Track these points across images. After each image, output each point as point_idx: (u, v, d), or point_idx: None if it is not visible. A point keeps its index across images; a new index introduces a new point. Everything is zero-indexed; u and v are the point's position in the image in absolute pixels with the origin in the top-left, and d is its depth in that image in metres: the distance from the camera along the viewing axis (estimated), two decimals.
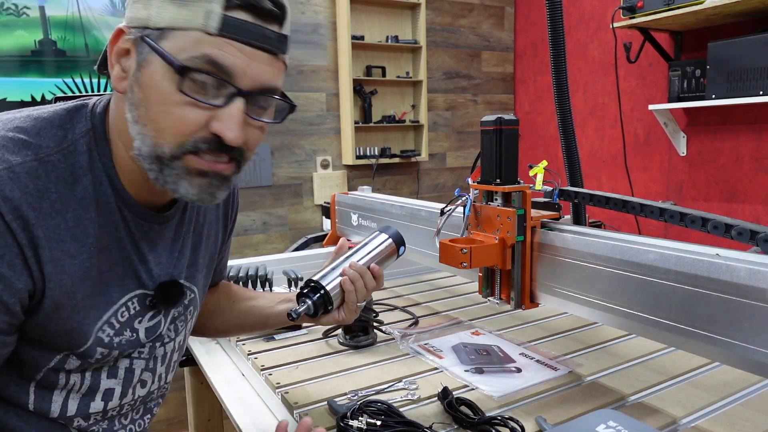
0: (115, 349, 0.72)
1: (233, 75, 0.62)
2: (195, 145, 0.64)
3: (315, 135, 3.09)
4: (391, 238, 0.95)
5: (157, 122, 0.63)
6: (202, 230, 0.86)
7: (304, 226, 3.10)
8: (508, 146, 0.95)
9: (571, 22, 3.12)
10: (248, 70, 0.63)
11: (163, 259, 0.77)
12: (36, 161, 0.63)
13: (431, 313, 1.41)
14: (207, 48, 0.61)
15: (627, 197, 1.02)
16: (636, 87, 2.85)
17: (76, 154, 0.66)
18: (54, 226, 0.63)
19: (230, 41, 0.61)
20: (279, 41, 0.65)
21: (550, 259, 0.93)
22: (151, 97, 0.63)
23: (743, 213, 2.44)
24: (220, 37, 0.61)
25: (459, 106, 3.56)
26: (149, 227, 0.74)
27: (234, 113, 0.63)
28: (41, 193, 0.62)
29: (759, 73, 2.04)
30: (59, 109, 0.69)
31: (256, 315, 0.99)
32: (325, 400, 0.94)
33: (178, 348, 0.85)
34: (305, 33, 3.00)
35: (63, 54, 2.37)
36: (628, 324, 0.83)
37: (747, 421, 0.85)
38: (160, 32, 0.62)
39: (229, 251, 1.02)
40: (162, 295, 0.76)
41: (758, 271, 0.67)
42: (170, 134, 0.63)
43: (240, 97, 0.64)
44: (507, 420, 0.84)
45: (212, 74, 0.61)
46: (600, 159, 3.08)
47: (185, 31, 0.61)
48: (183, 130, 0.63)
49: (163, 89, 0.62)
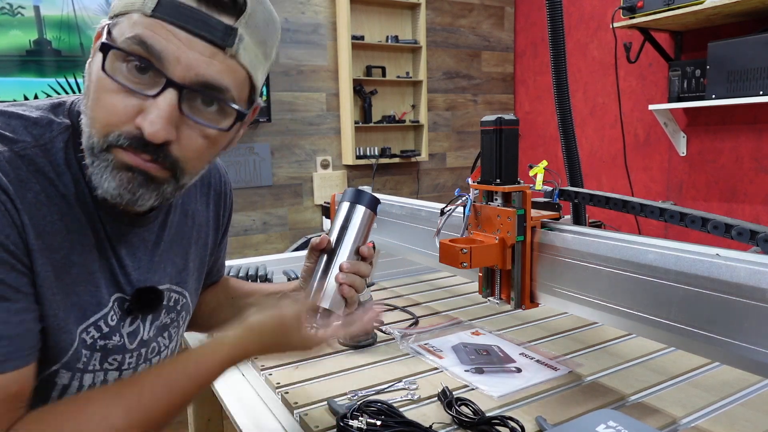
0: (98, 352, 0.69)
1: (164, 59, 0.57)
2: (118, 139, 0.59)
3: (315, 135, 3.10)
4: (366, 206, 0.85)
5: (91, 110, 0.60)
6: (191, 233, 0.84)
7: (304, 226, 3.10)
8: (508, 146, 0.95)
9: (571, 22, 3.12)
10: (182, 58, 0.57)
11: (143, 263, 0.74)
12: (12, 153, 0.60)
13: (431, 313, 1.41)
14: (139, 28, 0.57)
15: (627, 197, 1.02)
16: (636, 87, 2.85)
17: (54, 151, 0.64)
18: (39, 217, 0.60)
19: (164, 23, 0.57)
20: (226, 33, 0.59)
21: (550, 259, 0.93)
22: (90, 85, 0.61)
23: (743, 213, 2.44)
24: (153, 18, 0.57)
25: (459, 106, 3.56)
26: (128, 230, 0.71)
27: (160, 104, 0.57)
28: (23, 183, 0.60)
29: (759, 73, 2.04)
30: (35, 106, 0.67)
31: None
32: (325, 400, 0.94)
33: (172, 355, 0.84)
34: (305, 33, 3.00)
35: (58, 54, 2.38)
36: (628, 324, 0.83)
37: (747, 421, 0.85)
38: (115, 20, 0.60)
39: (225, 251, 1.01)
40: (138, 301, 0.73)
41: (758, 271, 0.67)
42: (99, 123, 0.59)
43: (171, 88, 0.58)
44: (507, 420, 0.84)
45: (138, 56, 0.57)
46: (600, 159, 3.08)
47: (128, 14, 0.59)
48: (110, 119, 0.59)
49: (97, 74, 0.60)
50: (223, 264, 1.03)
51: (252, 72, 0.64)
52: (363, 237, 0.84)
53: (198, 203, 0.87)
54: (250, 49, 0.62)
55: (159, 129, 0.57)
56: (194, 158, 0.63)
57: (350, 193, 0.86)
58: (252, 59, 0.63)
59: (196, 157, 0.64)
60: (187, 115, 0.60)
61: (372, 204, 0.85)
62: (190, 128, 0.61)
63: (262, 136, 2.96)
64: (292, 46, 2.98)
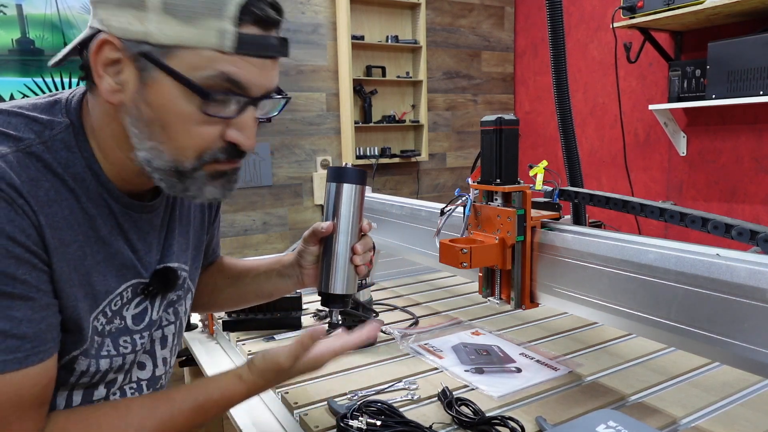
0: (107, 337, 0.73)
1: (248, 88, 0.64)
2: (214, 156, 0.66)
3: (315, 135, 3.09)
4: (356, 182, 0.85)
5: (176, 141, 0.64)
6: (189, 214, 0.87)
7: (304, 226, 3.10)
8: (508, 146, 0.95)
9: (571, 22, 3.12)
10: (260, 82, 0.65)
11: (153, 246, 0.78)
12: (20, 152, 0.62)
13: (431, 313, 1.41)
14: (223, 66, 0.61)
15: (627, 197, 1.02)
16: (636, 87, 2.85)
17: (57, 148, 0.66)
18: (51, 214, 0.63)
19: (244, 57, 0.62)
20: (282, 46, 0.66)
21: (550, 259, 0.93)
22: (168, 117, 0.63)
23: (743, 213, 2.44)
24: (236, 55, 0.61)
25: (459, 106, 3.56)
26: (138, 217, 0.75)
27: (249, 123, 0.66)
28: (34, 181, 0.62)
29: (759, 73, 2.04)
30: (32, 105, 0.68)
31: (256, 290, 1.00)
32: (325, 400, 0.94)
33: (178, 331, 0.87)
34: (305, 33, 3.00)
35: (41, 53, 2.36)
36: (628, 324, 0.83)
37: (747, 421, 0.85)
38: (165, 50, 0.60)
39: (219, 231, 1.03)
40: (159, 282, 0.77)
41: (758, 271, 0.67)
42: (191, 150, 0.65)
43: (252, 105, 0.66)
44: (507, 420, 0.84)
45: (232, 92, 0.63)
46: (600, 159, 3.08)
47: (196, 50, 0.60)
48: (203, 145, 0.65)
49: (181, 109, 0.62)
50: (218, 244, 1.06)
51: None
52: (359, 214, 0.86)
53: None
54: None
55: (254, 141, 0.67)
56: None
57: (333, 172, 0.85)
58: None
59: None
60: (260, 118, 0.69)
61: (358, 178, 0.85)
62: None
63: (262, 136, 2.96)
64: (292, 46, 2.96)
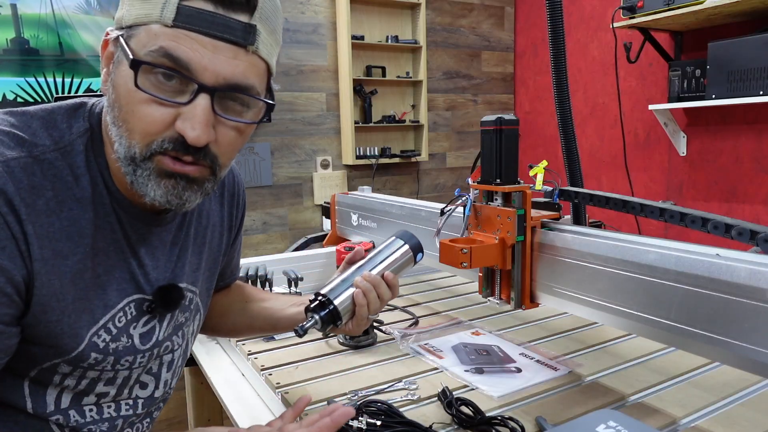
0: (111, 356, 0.70)
1: (192, 69, 0.59)
2: (161, 145, 0.61)
3: (315, 135, 3.10)
4: (408, 244, 0.91)
5: (126, 122, 0.62)
6: (205, 233, 0.84)
7: (304, 226, 3.10)
8: (508, 146, 0.95)
9: (571, 22, 3.12)
10: (210, 65, 0.59)
11: (161, 263, 0.75)
12: (31, 158, 0.62)
13: (431, 313, 1.41)
14: (162, 40, 0.58)
15: (627, 197, 1.02)
16: (636, 87, 2.85)
17: (74, 153, 0.65)
18: (47, 224, 0.61)
19: (187, 32, 0.58)
20: (246, 32, 0.60)
21: (550, 259, 0.93)
22: (120, 96, 0.62)
23: (743, 213, 2.44)
24: (175, 28, 0.58)
25: (459, 106, 3.56)
26: (147, 230, 0.73)
27: (196, 111, 0.60)
28: (36, 189, 0.61)
29: (759, 73, 2.04)
30: (56, 108, 0.68)
31: (266, 317, 0.98)
32: (325, 400, 0.94)
33: (183, 354, 0.85)
34: (305, 33, 3.00)
35: (36, 53, 2.36)
36: (628, 324, 0.83)
37: (747, 421, 0.85)
38: (129, 30, 0.61)
39: (239, 252, 1.01)
40: (161, 300, 0.74)
41: (758, 271, 0.67)
42: (138, 134, 0.61)
43: (204, 93, 0.60)
44: (507, 420, 0.84)
45: (168, 68, 0.59)
46: (600, 159, 3.08)
47: (146, 25, 0.59)
48: (148, 129, 0.61)
49: (127, 87, 0.60)
50: (237, 266, 1.03)
51: (269, 61, 0.66)
52: (394, 267, 0.89)
53: (212, 203, 0.87)
54: (266, 41, 0.64)
55: (200, 134, 0.60)
56: (230, 152, 0.67)
57: (402, 232, 0.93)
58: (268, 49, 0.65)
59: (231, 150, 0.67)
60: (220, 114, 0.63)
61: (414, 245, 0.92)
62: (224, 125, 0.64)
63: (262, 136, 2.96)
64: (292, 45, 2.97)
